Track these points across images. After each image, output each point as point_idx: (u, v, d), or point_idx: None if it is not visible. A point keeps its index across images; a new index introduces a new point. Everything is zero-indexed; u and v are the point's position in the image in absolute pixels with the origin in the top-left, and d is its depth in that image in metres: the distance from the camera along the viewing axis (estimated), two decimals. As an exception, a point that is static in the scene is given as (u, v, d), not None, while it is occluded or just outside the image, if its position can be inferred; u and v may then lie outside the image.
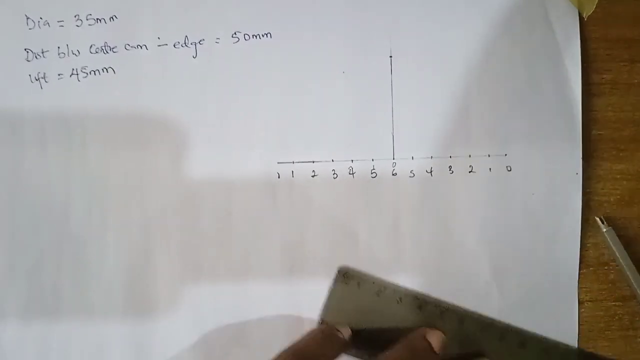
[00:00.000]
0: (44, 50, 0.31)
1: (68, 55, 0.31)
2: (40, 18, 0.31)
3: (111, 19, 0.31)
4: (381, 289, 0.30)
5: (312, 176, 0.31)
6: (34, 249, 0.31)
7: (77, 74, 0.31)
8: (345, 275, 0.31)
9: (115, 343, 0.31)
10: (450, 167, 0.31)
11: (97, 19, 0.31)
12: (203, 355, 0.30)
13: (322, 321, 0.30)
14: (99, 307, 0.31)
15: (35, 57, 0.31)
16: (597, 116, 0.32)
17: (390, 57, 0.31)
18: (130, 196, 0.31)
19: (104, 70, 0.31)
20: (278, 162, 0.31)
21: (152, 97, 0.31)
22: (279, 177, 0.31)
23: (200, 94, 0.31)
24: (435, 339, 0.29)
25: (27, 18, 0.31)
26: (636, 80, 0.32)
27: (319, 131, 0.31)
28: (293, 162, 0.31)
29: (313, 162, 0.31)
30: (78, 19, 0.31)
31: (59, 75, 0.31)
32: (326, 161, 0.31)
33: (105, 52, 0.31)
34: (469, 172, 0.31)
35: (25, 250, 0.31)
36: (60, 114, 0.31)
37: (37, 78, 0.31)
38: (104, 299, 0.31)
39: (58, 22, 0.31)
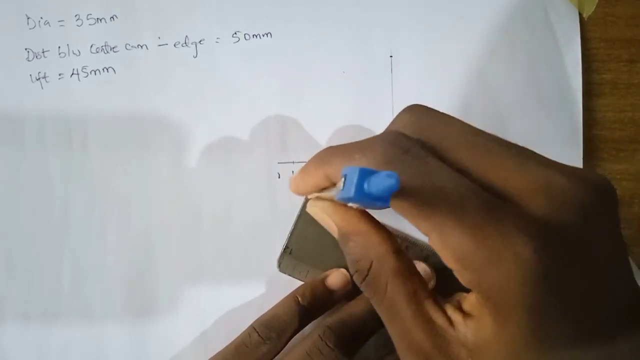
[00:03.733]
0: (45, 50, 0.31)
1: (68, 55, 0.31)
2: (41, 18, 0.31)
3: (112, 19, 0.31)
4: None
5: (313, 176, 0.31)
6: (34, 249, 0.31)
7: (78, 74, 0.31)
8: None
9: (115, 343, 0.31)
10: (450, 167, 0.31)
11: (97, 18, 0.31)
12: (203, 356, 0.30)
13: (287, 247, 0.30)
14: (99, 307, 0.31)
15: (36, 56, 0.31)
16: (597, 116, 0.32)
17: (391, 57, 0.31)
18: (130, 196, 0.31)
19: (105, 70, 0.31)
20: (278, 162, 0.31)
21: (153, 96, 0.31)
22: (279, 177, 0.31)
23: (201, 93, 0.31)
24: (332, 280, 0.29)
25: (28, 18, 0.31)
26: (636, 80, 0.32)
27: (319, 131, 0.31)
28: (293, 162, 0.31)
29: (313, 162, 0.31)
30: (78, 19, 0.31)
31: (59, 75, 0.31)
32: (326, 161, 0.31)
33: (105, 52, 0.31)
34: (469, 172, 0.31)
35: (25, 250, 0.31)
36: (61, 113, 0.31)
37: (37, 78, 0.31)
38: (104, 299, 0.31)
39: (58, 21, 0.31)
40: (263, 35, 0.31)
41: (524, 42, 0.31)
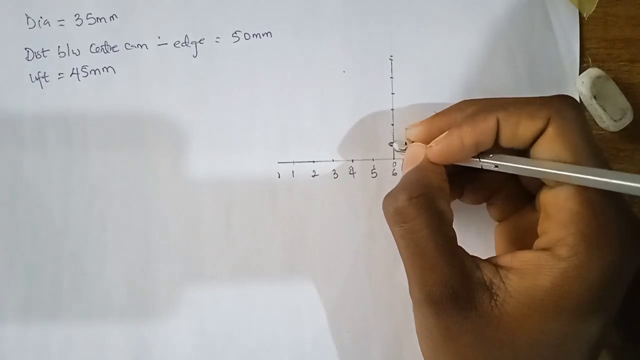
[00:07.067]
0: (44, 49, 0.31)
1: (68, 54, 0.31)
2: (41, 17, 0.31)
3: (111, 18, 0.31)
4: None
5: (313, 176, 0.31)
6: (34, 249, 0.31)
7: (78, 74, 0.31)
8: None
9: (115, 343, 0.31)
10: (450, 167, 0.31)
11: (97, 18, 0.31)
12: (203, 356, 0.30)
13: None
14: (99, 307, 0.31)
15: (36, 56, 0.31)
16: (597, 116, 0.32)
17: (391, 56, 0.31)
18: (130, 196, 0.31)
19: (105, 69, 0.31)
20: (278, 162, 0.31)
21: (153, 96, 0.31)
22: (279, 177, 0.31)
23: (200, 93, 0.31)
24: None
25: (28, 17, 0.31)
26: (636, 80, 0.32)
27: (320, 131, 0.31)
28: (293, 162, 0.31)
29: (313, 161, 0.31)
30: (78, 18, 0.31)
31: (59, 74, 0.31)
32: (327, 161, 0.31)
33: (105, 51, 0.31)
34: (469, 172, 0.31)
35: (25, 250, 0.31)
36: (61, 113, 0.31)
37: (37, 77, 0.31)
38: (104, 299, 0.31)
39: (58, 21, 0.31)
40: (263, 35, 0.31)
41: (524, 42, 0.31)
